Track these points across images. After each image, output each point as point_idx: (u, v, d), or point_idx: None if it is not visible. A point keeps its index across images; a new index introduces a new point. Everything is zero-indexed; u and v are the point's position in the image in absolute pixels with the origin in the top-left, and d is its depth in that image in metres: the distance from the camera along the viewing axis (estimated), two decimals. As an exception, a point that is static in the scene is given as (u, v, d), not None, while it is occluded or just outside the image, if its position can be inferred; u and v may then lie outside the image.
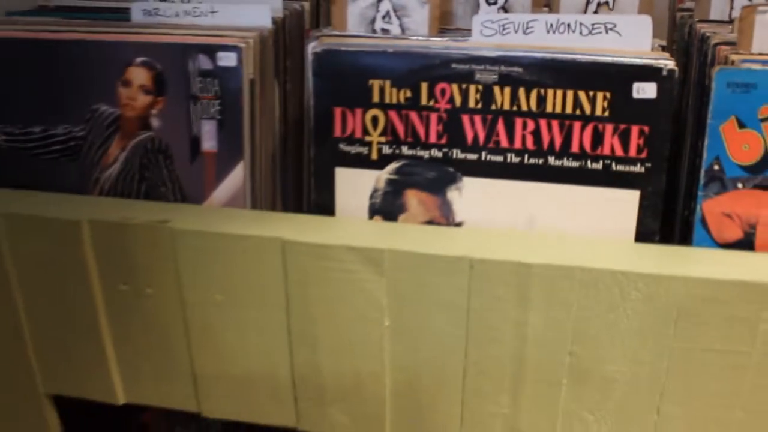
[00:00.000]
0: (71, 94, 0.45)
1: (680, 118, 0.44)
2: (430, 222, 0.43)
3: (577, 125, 0.40)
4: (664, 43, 0.44)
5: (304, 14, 0.50)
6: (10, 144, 0.47)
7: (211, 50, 0.43)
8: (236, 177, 0.44)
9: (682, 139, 0.44)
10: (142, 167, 0.45)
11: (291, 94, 0.49)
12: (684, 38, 0.50)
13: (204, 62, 0.43)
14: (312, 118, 0.42)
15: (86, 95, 0.45)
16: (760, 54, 0.41)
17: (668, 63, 0.39)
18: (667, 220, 0.42)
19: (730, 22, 0.49)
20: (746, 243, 0.40)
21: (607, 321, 0.39)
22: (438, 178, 0.42)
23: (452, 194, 0.42)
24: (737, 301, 0.37)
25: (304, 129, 0.44)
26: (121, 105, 0.45)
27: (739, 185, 0.40)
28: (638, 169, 0.40)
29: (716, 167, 0.40)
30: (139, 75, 0.44)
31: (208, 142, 0.44)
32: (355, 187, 0.43)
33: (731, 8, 0.49)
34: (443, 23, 0.45)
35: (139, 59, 0.44)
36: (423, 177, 0.42)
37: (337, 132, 0.42)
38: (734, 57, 0.40)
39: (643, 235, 0.41)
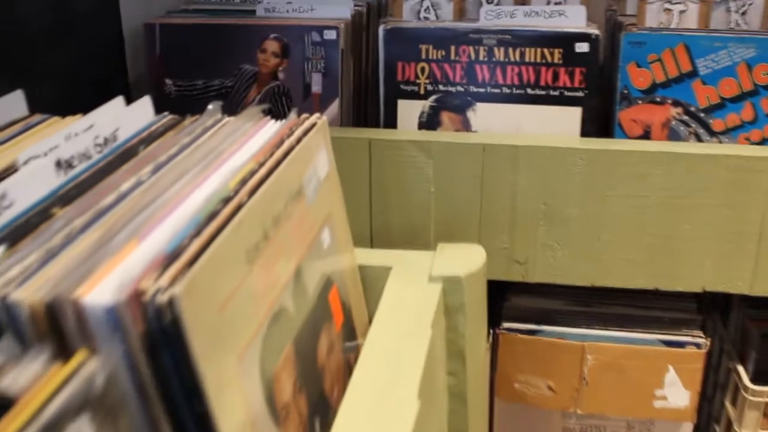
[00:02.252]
0: (225, 59, 0.76)
1: (604, 64, 0.76)
2: (456, 131, 0.74)
3: (543, 69, 0.72)
4: (597, 31, 0.76)
5: (377, 7, 0.83)
6: (179, 92, 0.78)
7: (320, 29, 0.74)
8: (333, 109, 0.76)
9: (607, 76, 0.76)
10: (271, 106, 0.77)
11: (369, 58, 0.81)
12: (611, 25, 0.83)
13: (315, 36, 0.75)
14: (383, 70, 0.74)
15: (235, 59, 0.76)
16: (648, 28, 0.74)
17: (595, 31, 0.72)
18: (599, 125, 0.74)
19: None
20: (645, 136, 0.72)
21: (566, 180, 0.70)
22: (461, 104, 0.74)
23: (470, 113, 0.74)
24: (639, 163, 0.69)
25: (378, 78, 0.75)
26: (259, 65, 0.76)
27: (639, 102, 0.72)
28: (580, 94, 0.72)
29: (625, 91, 0.72)
30: (271, 45, 0.75)
31: (316, 87, 0.75)
32: (410, 111, 0.74)
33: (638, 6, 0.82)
34: (461, 14, 0.78)
35: (273, 35, 0.75)
36: (451, 103, 0.74)
37: (399, 77, 0.74)
38: (633, 28, 0.73)
39: (584, 133, 0.73)
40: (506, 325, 0.77)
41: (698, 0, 0.75)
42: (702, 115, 0.72)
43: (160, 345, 0.28)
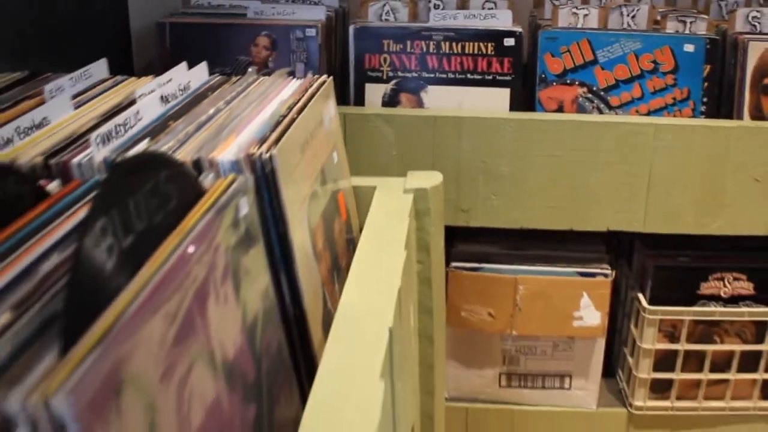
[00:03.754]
0: (224, 51, 0.98)
1: (528, 54, 1.01)
2: (412, 108, 0.98)
3: (479, 59, 0.97)
4: (521, 30, 1.01)
5: (346, 11, 1.06)
6: (184, 80, 0.99)
7: (302, 28, 0.98)
8: (313, 91, 0.98)
9: (528, 63, 1.02)
10: (262, 88, 0.99)
11: (337, 52, 1.04)
12: (532, 27, 1.09)
13: (298, 33, 0.98)
14: (353, 60, 0.97)
15: (233, 52, 0.98)
16: (560, 27, 1.00)
17: (519, 29, 0.97)
18: (523, 102, 0.99)
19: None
20: (559, 110, 0.98)
21: (499, 144, 0.95)
22: (415, 86, 0.98)
23: (423, 94, 0.98)
24: (554, 130, 0.94)
25: (348, 66, 0.99)
26: (252, 56, 0.98)
27: (554, 83, 0.97)
28: (508, 78, 0.97)
29: (543, 75, 0.97)
30: (263, 41, 0.98)
31: (299, 74, 0.98)
32: (375, 92, 0.98)
33: (552, 11, 1.08)
34: (414, 17, 1.02)
35: (264, 32, 0.98)
36: (408, 86, 0.98)
37: (366, 65, 0.97)
38: (548, 27, 0.98)
39: (512, 108, 0.98)
40: (454, 264, 1.01)
41: (598, 6, 1.02)
42: (602, 93, 0.98)
43: (262, 187, 0.50)
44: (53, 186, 0.47)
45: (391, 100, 0.98)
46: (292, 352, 0.52)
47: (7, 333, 0.31)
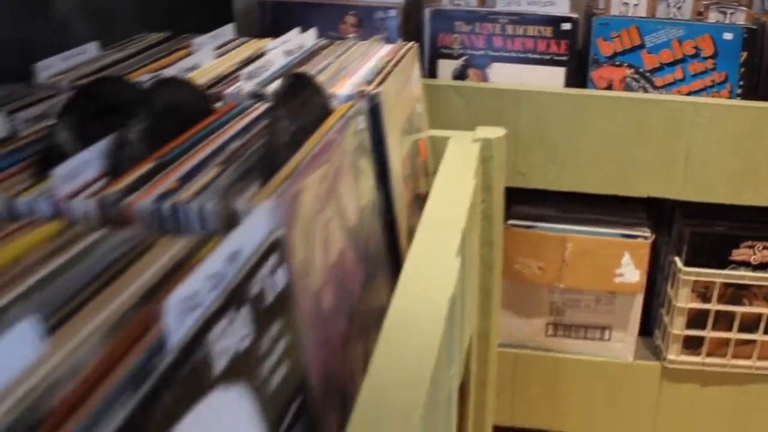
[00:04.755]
0: (316, 28, 1.16)
1: (582, 38, 1.18)
2: (479, 82, 1.15)
3: (539, 40, 1.14)
4: (577, 16, 1.18)
5: None
6: (280, 53, 1.18)
7: (385, 9, 1.15)
8: (391, 65, 1.16)
9: (582, 45, 1.18)
10: (347, 61, 1.17)
11: (414, 30, 1.22)
12: (588, 14, 1.25)
13: (381, 14, 1.16)
14: (428, 38, 1.15)
15: (324, 28, 1.16)
16: (613, 15, 1.16)
17: (575, 15, 1.13)
18: (577, 80, 1.15)
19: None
20: (608, 88, 1.14)
21: (555, 116, 1.11)
22: (482, 63, 1.15)
23: (488, 70, 1.15)
24: (604, 105, 1.10)
25: (423, 44, 1.16)
26: (341, 33, 1.16)
27: (605, 64, 1.14)
28: (564, 58, 1.14)
29: (595, 57, 1.13)
30: (350, 19, 1.16)
31: (380, 49, 1.16)
32: (446, 68, 1.15)
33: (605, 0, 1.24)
34: (483, 3, 1.19)
35: (351, 12, 1.16)
36: (475, 62, 1.15)
37: (439, 44, 1.15)
38: (602, 14, 1.15)
39: (567, 85, 1.14)
40: (511, 222, 1.17)
41: (648, -2, 1.18)
42: (648, 74, 1.14)
43: (369, 116, 0.68)
44: (218, 105, 0.65)
45: (460, 75, 1.15)
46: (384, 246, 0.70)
47: (220, 177, 0.49)
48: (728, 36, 1.12)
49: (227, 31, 0.89)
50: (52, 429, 0.26)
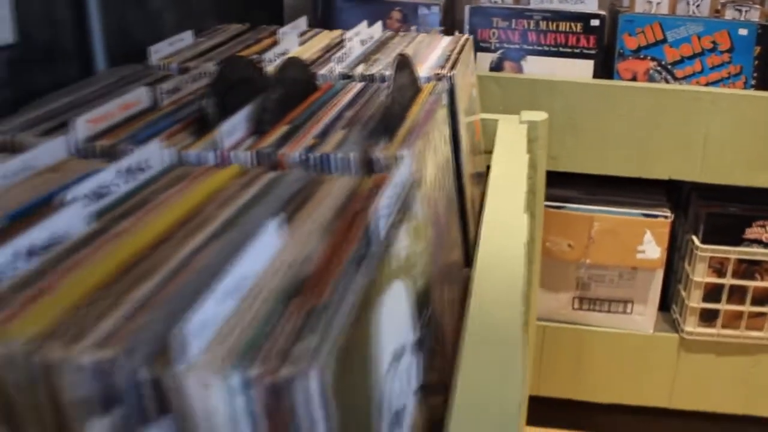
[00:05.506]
0: (373, 18, 1.29)
1: (609, 34, 1.30)
2: (514, 73, 1.28)
3: (570, 35, 1.26)
4: (605, 13, 1.30)
5: None
6: (329, 45, 1.30)
7: (428, 5, 1.28)
8: (433, 57, 1.29)
9: (609, 40, 1.31)
10: (392, 53, 1.29)
11: (454, 25, 1.34)
12: (613, 12, 1.38)
13: (424, 10, 1.28)
14: (467, 33, 1.27)
15: (371, 23, 1.29)
16: (637, 12, 1.28)
17: (603, 13, 1.26)
18: (604, 72, 1.28)
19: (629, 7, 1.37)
20: (633, 80, 1.26)
21: (584, 104, 1.23)
22: (517, 56, 1.27)
23: (523, 62, 1.27)
24: (629, 95, 1.22)
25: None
26: (387, 26, 1.28)
27: (630, 58, 1.26)
28: (593, 52, 1.26)
29: (621, 50, 1.26)
30: (396, 14, 1.28)
31: (423, 43, 1.28)
32: (484, 60, 1.28)
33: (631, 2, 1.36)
34: (518, 1, 1.32)
35: (397, 8, 1.28)
36: (511, 55, 1.27)
37: (478, 37, 1.27)
38: (627, 12, 1.27)
39: (595, 76, 1.26)
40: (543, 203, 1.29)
41: (668, -2, 1.31)
42: (669, 66, 1.26)
43: (447, 96, 0.80)
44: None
45: (497, 66, 1.28)
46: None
47: (350, 135, 0.61)
48: (743, 32, 1.24)
49: (301, 23, 1.01)
50: (311, 287, 0.38)
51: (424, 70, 0.81)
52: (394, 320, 0.43)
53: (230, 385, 0.30)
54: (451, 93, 0.80)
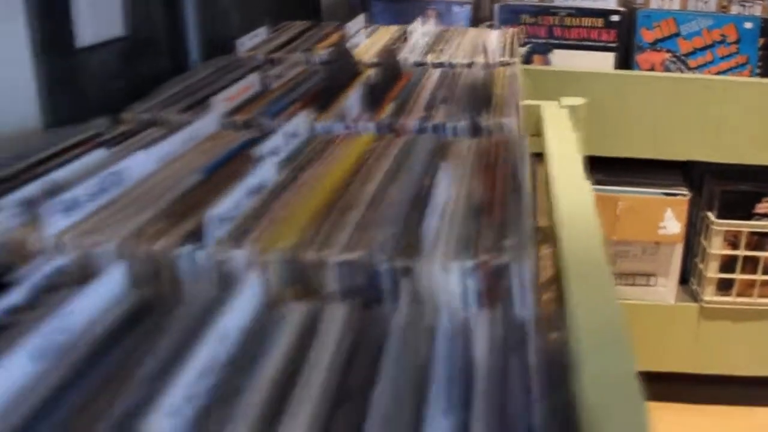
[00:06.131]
0: (401, 19, 1.39)
1: (627, 28, 1.42)
2: (542, 65, 1.39)
3: (592, 30, 1.37)
4: (624, 9, 1.41)
5: None
6: (368, 43, 1.40)
7: (460, 4, 1.38)
8: (466, 52, 1.39)
9: (628, 35, 1.42)
10: (427, 50, 1.40)
11: (479, 22, 1.45)
12: (630, 8, 1.49)
13: (456, 8, 1.38)
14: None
15: (409, 20, 1.39)
16: (652, 8, 1.40)
17: (623, 9, 1.37)
18: (623, 63, 1.39)
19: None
20: (650, 70, 1.38)
21: (606, 92, 1.34)
22: (544, 49, 1.38)
23: (550, 55, 1.38)
24: (647, 83, 1.34)
25: (493, 34, 1.39)
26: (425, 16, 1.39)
27: (647, 50, 1.38)
28: (613, 45, 1.38)
29: (639, 44, 1.37)
30: (431, 12, 1.39)
31: (456, 39, 1.39)
32: (513, 53, 1.38)
33: (643, -2, 1.48)
34: (544, 0, 1.43)
35: (432, 6, 1.39)
36: (538, 49, 1.38)
37: (507, 33, 1.38)
38: (644, 7, 1.39)
39: (615, 67, 1.38)
40: (569, 185, 1.40)
41: (679, -6, 1.42)
42: (683, 57, 1.38)
43: (507, 78, 0.90)
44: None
45: (526, 60, 1.38)
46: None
47: (450, 109, 0.71)
48: (748, 25, 1.36)
49: (359, 20, 1.11)
50: (490, 208, 0.48)
51: (489, 57, 0.92)
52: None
53: (464, 268, 0.40)
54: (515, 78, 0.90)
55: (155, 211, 0.48)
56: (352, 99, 0.71)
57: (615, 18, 1.37)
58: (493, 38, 1.03)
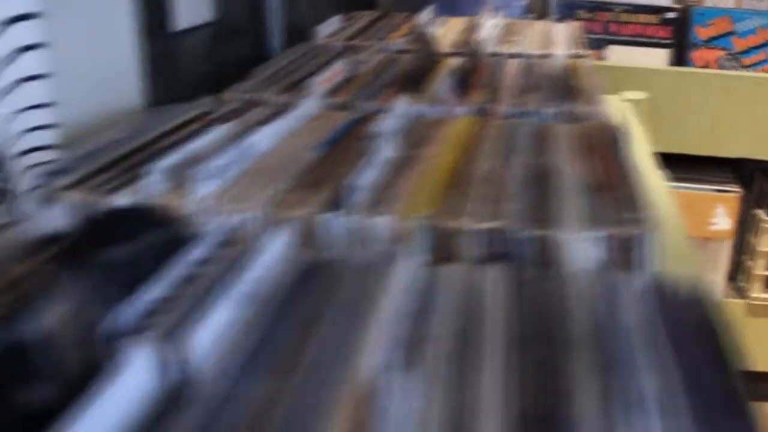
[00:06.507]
0: (458, 10, 1.41)
1: (682, 26, 1.43)
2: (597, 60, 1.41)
3: (647, 26, 1.39)
4: (680, 6, 1.43)
5: None
6: (425, 35, 1.43)
7: (517, -1, 1.41)
8: (521, 46, 1.42)
9: (683, 31, 1.44)
10: (484, 43, 1.42)
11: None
12: (685, 4, 1.51)
13: (515, 1, 1.41)
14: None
15: (467, 11, 1.41)
16: (707, 6, 1.42)
17: (679, 6, 1.39)
18: (678, 60, 1.41)
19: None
20: (705, 67, 1.40)
21: (660, 87, 1.36)
22: (599, 44, 1.40)
23: (605, 50, 1.40)
24: (702, 80, 1.35)
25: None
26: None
27: (702, 47, 1.39)
28: (668, 42, 1.39)
29: (692, 41, 1.39)
30: (489, 5, 1.41)
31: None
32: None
33: (697, -4, 1.50)
34: (594, -5, 1.45)
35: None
36: (594, 44, 1.40)
37: (563, 28, 1.40)
38: (699, 6, 1.40)
39: (670, 64, 1.40)
40: (621, 179, 1.42)
41: (734, -8, 1.44)
42: (738, 55, 1.39)
43: (580, 69, 0.93)
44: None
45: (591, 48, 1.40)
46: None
47: (539, 95, 0.73)
48: (805, 24, 1.38)
49: (429, 11, 1.13)
50: (605, 185, 0.50)
51: (560, 49, 0.94)
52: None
53: (595, 238, 0.43)
54: (588, 68, 0.92)
55: (289, 181, 0.51)
56: (443, 84, 0.74)
57: (670, 15, 1.39)
58: (561, 31, 1.05)
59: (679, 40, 1.41)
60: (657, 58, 1.40)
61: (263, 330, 0.33)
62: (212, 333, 0.31)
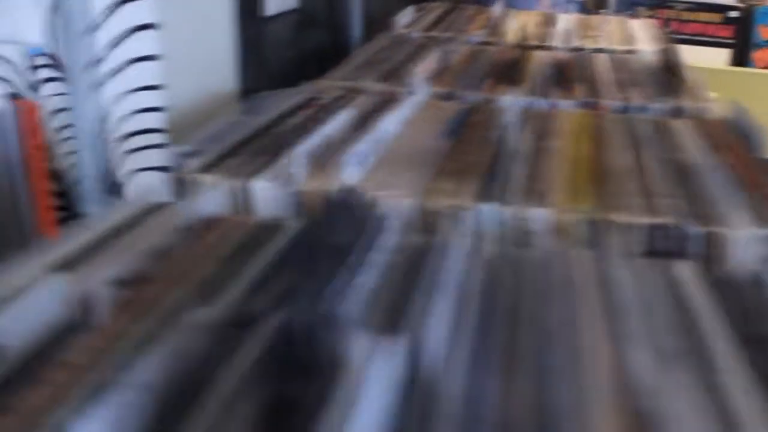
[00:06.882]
0: (518, 4, 1.40)
1: (745, 25, 1.42)
2: (655, 59, 1.40)
3: (709, 25, 1.38)
4: (744, 5, 1.42)
5: None
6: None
7: (577, -6, 1.40)
8: (580, 42, 1.40)
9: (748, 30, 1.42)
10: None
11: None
12: (748, 5, 1.50)
13: (574, -2, 1.40)
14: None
15: (524, 7, 1.40)
16: (770, 5, 1.40)
17: (741, 5, 1.38)
18: (739, 60, 1.39)
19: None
20: (766, 68, 1.38)
21: (723, 85, 1.35)
22: (659, 43, 1.39)
23: (664, 48, 1.39)
24: (764, 81, 1.34)
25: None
26: (539, 7, 1.40)
27: (764, 47, 1.38)
28: (731, 41, 1.38)
29: (756, 42, 1.38)
30: (546, 1, 1.40)
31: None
32: (628, 45, 1.39)
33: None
34: (654, -8, 1.44)
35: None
36: (654, 42, 1.39)
37: (623, 25, 1.39)
38: (759, 4, 1.39)
39: (732, 64, 1.38)
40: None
41: (796, -7, 1.42)
42: (800, 57, 1.38)
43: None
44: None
45: (640, 52, 1.39)
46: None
47: (644, 93, 0.72)
48: None
49: (500, 4, 1.12)
50: (753, 184, 0.49)
51: (645, 45, 0.93)
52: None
53: (764, 236, 0.42)
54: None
55: (429, 169, 0.50)
56: (538, 77, 0.73)
57: (733, 14, 1.38)
58: (638, 27, 1.04)
59: (741, 39, 1.40)
60: (716, 57, 1.39)
61: (475, 324, 0.32)
62: (440, 327, 0.30)
